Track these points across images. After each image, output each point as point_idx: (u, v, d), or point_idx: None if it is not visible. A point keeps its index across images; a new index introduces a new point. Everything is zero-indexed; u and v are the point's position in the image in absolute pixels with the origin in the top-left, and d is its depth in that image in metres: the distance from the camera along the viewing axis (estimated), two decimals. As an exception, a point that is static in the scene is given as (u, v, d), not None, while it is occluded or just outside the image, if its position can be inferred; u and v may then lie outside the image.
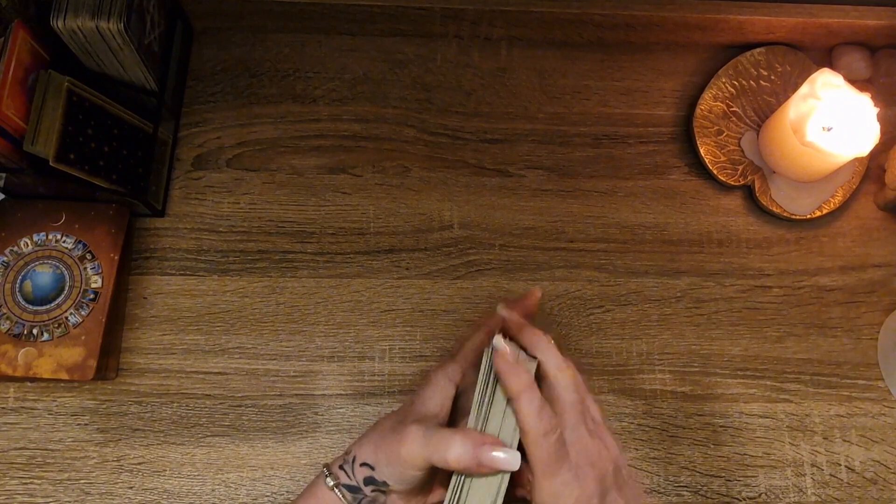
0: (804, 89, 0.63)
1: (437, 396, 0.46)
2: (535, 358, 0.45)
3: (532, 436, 0.41)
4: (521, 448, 0.42)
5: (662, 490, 0.59)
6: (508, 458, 0.41)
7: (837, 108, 0.63)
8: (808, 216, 0.67)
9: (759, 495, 0.59)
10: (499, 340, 0.43)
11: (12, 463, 0.56)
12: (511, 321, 0.47)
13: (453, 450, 0.41)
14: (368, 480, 0.44)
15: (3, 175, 0.56)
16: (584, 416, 0.44)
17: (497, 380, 0.44)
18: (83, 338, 0.56)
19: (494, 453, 0.41)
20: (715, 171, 0.67)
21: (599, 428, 0.44)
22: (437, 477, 0.48)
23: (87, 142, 0.56)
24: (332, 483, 0.45)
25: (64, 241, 0.59)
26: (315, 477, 0.47)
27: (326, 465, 0.46)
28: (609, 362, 0.62)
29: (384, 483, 0.44)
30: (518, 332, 0.46)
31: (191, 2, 0.66)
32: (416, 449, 0.42)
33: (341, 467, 0.46)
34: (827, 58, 0.71)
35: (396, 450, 0.43)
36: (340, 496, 0.44)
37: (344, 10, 0.66)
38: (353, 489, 0.45)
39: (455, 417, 0.47)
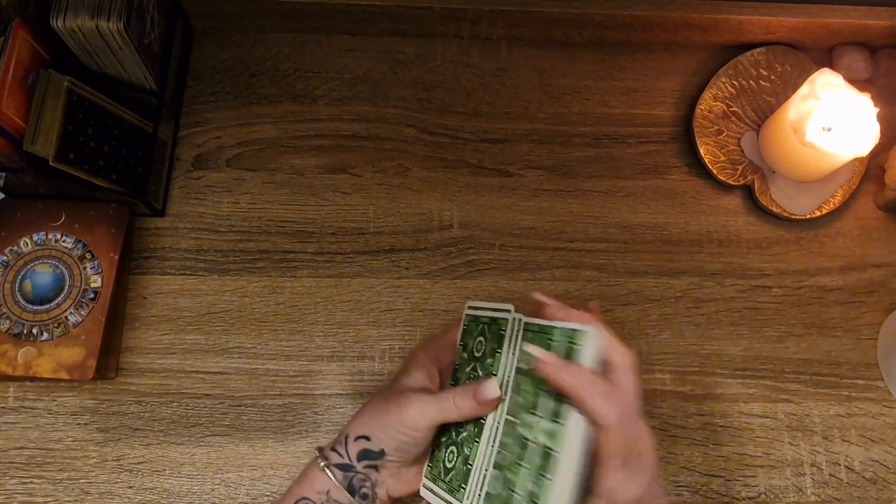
0: (804, 89, 0.63)
1: (423, 373, 0.48)
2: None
3: (607, 427, 0.39)
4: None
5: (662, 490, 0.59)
6: (492, 387, 0.43)
7: (837, 108, 0.63)
8: (808, 216, 0.67)
9: (759, 495, 0.59)
10: (534, 349, 0.41)
11: (12, 462, 0.56)
12: (552, 304, 0.44)
13: (460, 400, 0.43)
14: (363, 454, 0.45)
15: (3, 175, 0.57)
16: (641, 405, 0.42)
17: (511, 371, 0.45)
18: (83, 337, 0.56)
19: (484, 388, 0.43)
20: (715, 171, 0.67)
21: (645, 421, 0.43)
22: (426, 452, 0.49)
23: (87, 141, 0.56)
24: (322, 464, 0.46)
25: (64, 241, 0.59)
26: (309, 461, 0.47)
27: (319, 448, 0.47)
28: (609, 362, 0.62)
29: (380, 453, 0.45)
30: (565, 315, 0.43)
31: (191, 2, 0.66)
32: (423, 410, 0.44)
33: (333, 448, 0.47)
34: (827, 58, 0.72)
35: (399, 415, 0.45)
36: (331, 475, 0.46)
37: (344, 10, 0.66)
38: (344, 467, 0.46)
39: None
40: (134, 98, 0.60)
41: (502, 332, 0.46)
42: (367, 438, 0.46)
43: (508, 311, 0.47)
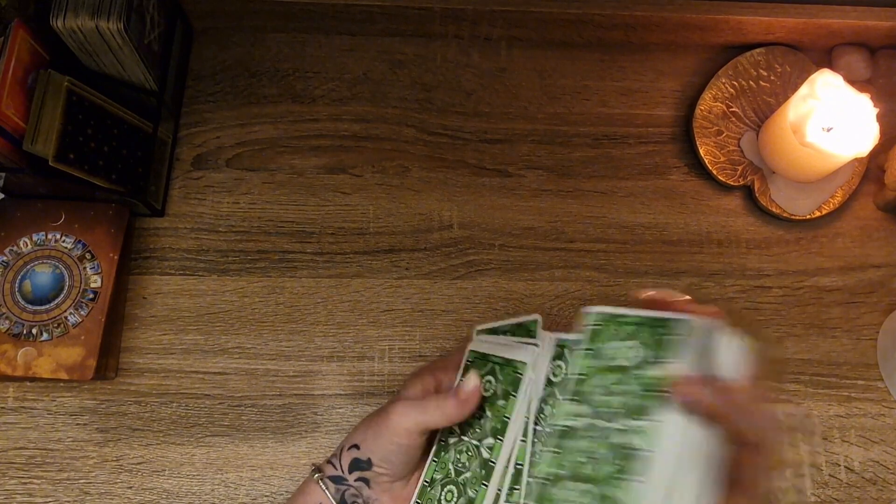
0: (804, 90, 0.63)
1: (419, 385, 0.48)
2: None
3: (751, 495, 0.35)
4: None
5: (662, 490, 0.59)
6: (474, 381, 0.43)
7: (837, 109, 0.63)
8: (808, 216, 0.67)
9: (759, 495, 0.59)
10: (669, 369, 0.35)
11: (11, 463, 0.56)
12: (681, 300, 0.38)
13: (443, 401, 0.44)
14: (354, 464, 0.46)
15: (3, 175, 0.56)
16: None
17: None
18: (82, 337, 0.56)
19: (464, 383, 0.43)
20: (715, 172, 0.67)
21: None
22: (418, 469, 0.49)
23: (87, 141, 0.56)
24: (317, 476, 0.46)
25: (63, 241, 0.58)
26: (306, 478, 0.47)
27: (316, 465, 0.48)
28: (609, 362, 0.62)
29: (368, 462, 0.45)
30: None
31: (191, 2, 0.66)
32: (406, 414, 0.44)
33: (329, 461, 0.47)
34: (827, 58, 0.72)
35: (385, 422, 0.45)
36: (324, 487, 0.46)
37: (344, 10, 0.66)
38: (337, 480, 0.46)
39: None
40: (134, 98, 0.60)
41: (518, 375, 0.44)
42: (357, 447, 0.46)
43: (536, 344, 0.44)
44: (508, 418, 0.44)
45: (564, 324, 0.63)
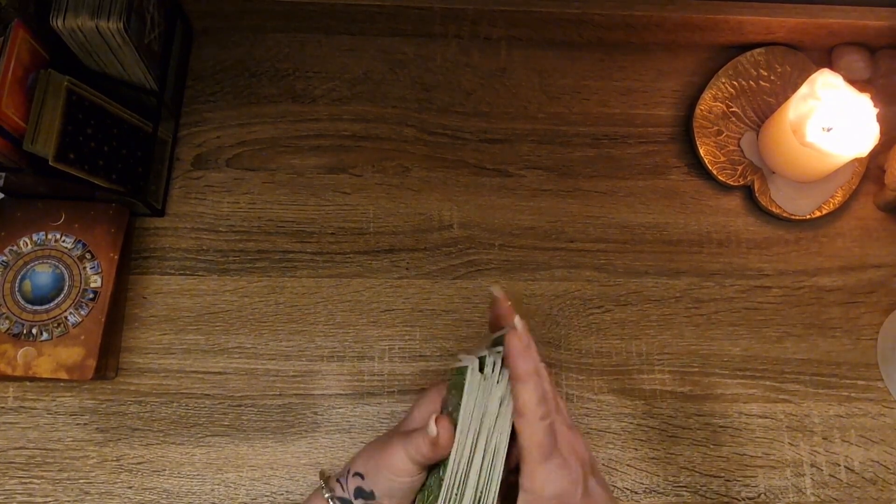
0: (804, 90, 0.63)
1: (427, 409, 0.47)
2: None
3: (530, 419, 0.41)
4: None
5: (662, 490, 0.59)
6: (430, 425, 0.43)
7: (837, 109, 0.63)
8: (808, 216, 0.67)
9: (759, 495, 0.59)
10: (519, 320, 0.42)
11: (11, 462, 0.56)
12: (505, 306, 0.45)
13: (421, 440, 0.43)
14: (358, 492, 0.45)
15: (3, 174, 0.57)
16: (560, 410, 0.45)
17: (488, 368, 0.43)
18: (82, 337, 0.56)
19: (428, 426, 0.42)
20: (715, 172, 0.67)
21: (572, 422, 0.45)
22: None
23: (87, 141, 0.56)
24: (327, 495, 0.46)
25: (63, 241, 0.59)
26: (314, 489, 0.47)
27: (325, 478, 0.47)
28: (609, 362, 0.62)
29: (371, 493, 0.45)
30: (508, 319, 0.44)
31: (191, 2, 0.66)
32: (402, 455, 0.43)
33: (338, 480, 0.47)
34: (827, 58, 0.72)
35: (386, 459, 0.44)
36: None
37: (344, 10, 0.66)
38: (345, 501, 0.45)
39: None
40: (134, 98, 0.60)
41: (463, 380, 0.43)
42: (362, 477, 0.46)
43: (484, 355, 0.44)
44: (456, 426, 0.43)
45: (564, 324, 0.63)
